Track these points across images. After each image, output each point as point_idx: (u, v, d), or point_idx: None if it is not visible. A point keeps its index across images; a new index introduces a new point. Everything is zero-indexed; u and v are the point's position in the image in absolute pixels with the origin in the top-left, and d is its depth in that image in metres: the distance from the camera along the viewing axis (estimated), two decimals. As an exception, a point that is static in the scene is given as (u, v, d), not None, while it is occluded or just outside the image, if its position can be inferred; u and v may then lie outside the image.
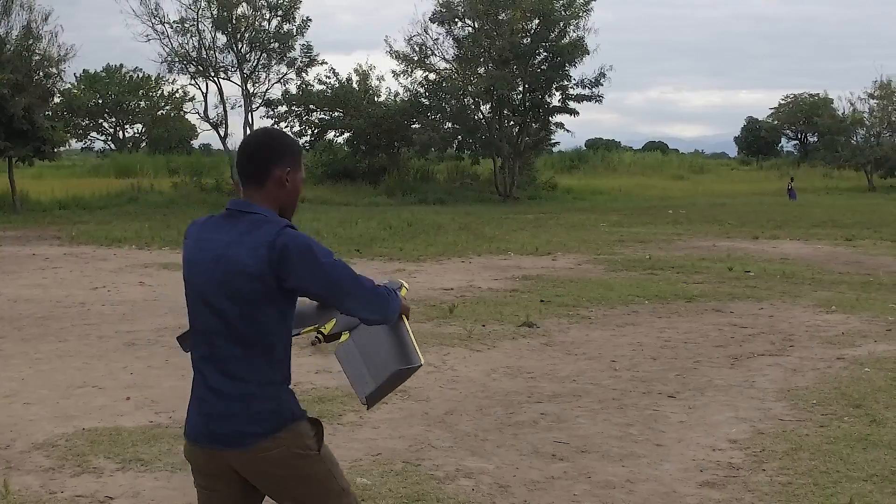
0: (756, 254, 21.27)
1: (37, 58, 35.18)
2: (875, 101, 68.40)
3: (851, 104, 69.94)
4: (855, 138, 69.13)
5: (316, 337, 3.81)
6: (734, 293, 14.92)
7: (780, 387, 8.78)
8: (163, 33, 42.33)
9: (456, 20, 49.90)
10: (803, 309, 13.50)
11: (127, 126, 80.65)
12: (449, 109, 49.60)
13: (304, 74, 46.79)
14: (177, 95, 73.43)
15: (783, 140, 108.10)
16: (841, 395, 8.39)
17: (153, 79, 72.04)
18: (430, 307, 13.31)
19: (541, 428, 7.44)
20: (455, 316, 12.58)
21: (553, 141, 54.11)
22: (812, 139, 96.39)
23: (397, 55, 49.47)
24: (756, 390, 8.69)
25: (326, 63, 59.76)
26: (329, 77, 51.06)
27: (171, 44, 42.54)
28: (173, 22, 42.44)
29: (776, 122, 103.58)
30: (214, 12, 42.47)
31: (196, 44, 42.90)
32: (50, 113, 40.79)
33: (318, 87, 50.33)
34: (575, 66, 49.72)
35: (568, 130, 53.80)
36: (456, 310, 12.94)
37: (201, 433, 3.39)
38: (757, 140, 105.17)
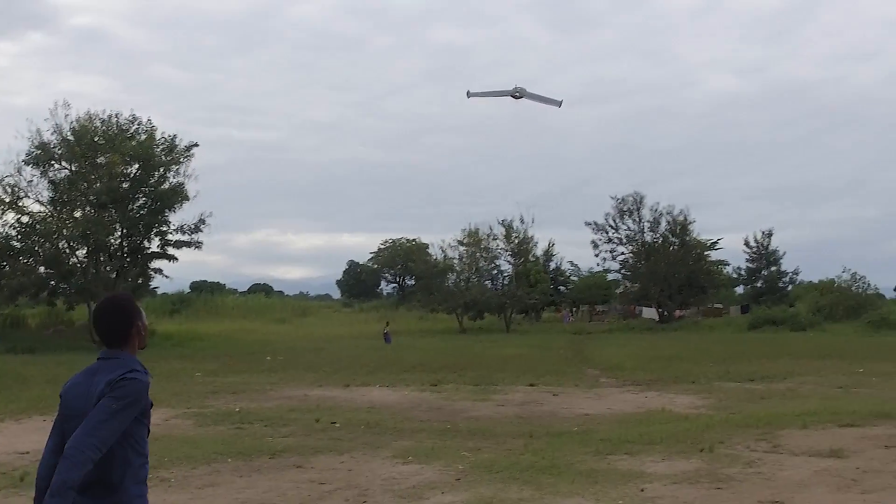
0: (345, 403, 21.80)
1: None
2: (464, 247, 73.03)
3: (443, 250, 74.19)
4: (448, 282, 73.00)
5: None
6: (318, 446, 15.16)
7: (347, 547, 8.98)
8: None
9: (52, 162, 48.42)
10: (382, 460, 13.93)
11: None
12: (42, 253, 47.61)
13: None
14: None
15: (383, 283, 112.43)
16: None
17: None
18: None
19: None
20: (26, 484, 11.89)
21: (152, 286, 53.12)
22: (410, 282, 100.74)
23: (-13, 196, 47.19)
24: (324, 552, 8.84)
25: None
26: None
27: None
28: None
29: (376, 266, 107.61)
30: None
31: None
32: None
33: None
34: (175, 211, 49.51)
35: (167, 276, 53.15)
36: (28, 477, 12.23)
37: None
38: (358, 283, 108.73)
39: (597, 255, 79.40)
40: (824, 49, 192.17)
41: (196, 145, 50.89)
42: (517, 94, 52.77)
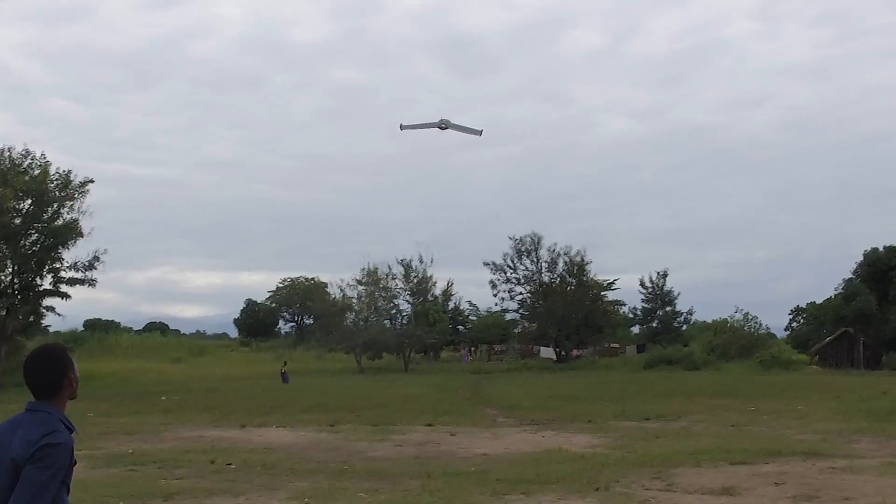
0: (241, 444, 21.52)
1: None
2: (363, 287, 72.86)
3: (342, 289, 73.91)
4: (346, 322, 72.72)
5: None
6: (213, 488, 14.94)
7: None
8: None
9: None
10: (278, 502, 13.79)
11: None
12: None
13: None
14: None
15: (281, 322, 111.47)
16: None
17: None
18: None
19: None
20: None
21: (44, 324, 51.90)
22: (308, 321, 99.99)
23: None
24: None
25: None
26: None
27: None
28: None
29: (274, 305, 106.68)
30: None
31: None
32: None
33: None
34: (68, 248, 48.52)
35: (59, 314, 51.99)
36: None
37: None
38: (256, 322, 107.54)
39: (495, 295, 79.81)
40: (717, 94, 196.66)
41: (91, 181, 50.01)
42: (443, 125, 54.87)
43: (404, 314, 75.28)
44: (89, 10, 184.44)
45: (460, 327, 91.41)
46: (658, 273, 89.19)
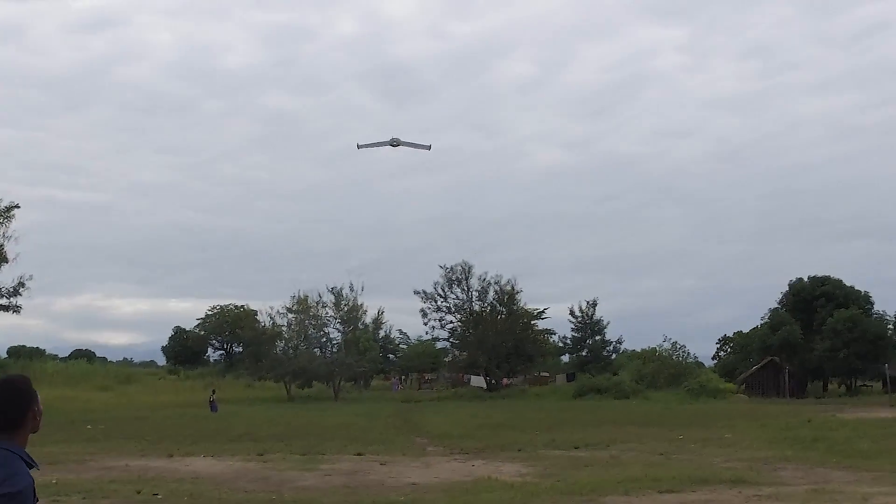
0: (168, 474, 21.21)
1: None
2: (293, 314, 72.45)
3: (271, 317, 73.42)
4: (276, 350, 72.21)
5: None
6: (139, 519, 14.71)
7: None
8: None
9: None
10: (205, 533, 13.60)
11: None
12: None
13: None
14: None
15: (210, 350, 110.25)
16: None
17: None
18: None
19: None
20: None
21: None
22: (237, 349, 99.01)
23: None
24: None
25: None
26: None
27: None
28: None
29: (203, 332, 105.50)
30: None
31: None
32: None
33: None
34: (-8, 273, 47.66)
35: (-18, 341, 51.02)
36: None
37: None
38: (184, 349, 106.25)
39: (426, 324, 79.94)
40: (646, 125, 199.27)
41: (17, 206, 49.31)
42: (394, 143, 56.56)
43: (334, 342, 74.99)
44: (18, 32, 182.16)
45: (391, 356, 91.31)
46: (587, 302, 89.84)
